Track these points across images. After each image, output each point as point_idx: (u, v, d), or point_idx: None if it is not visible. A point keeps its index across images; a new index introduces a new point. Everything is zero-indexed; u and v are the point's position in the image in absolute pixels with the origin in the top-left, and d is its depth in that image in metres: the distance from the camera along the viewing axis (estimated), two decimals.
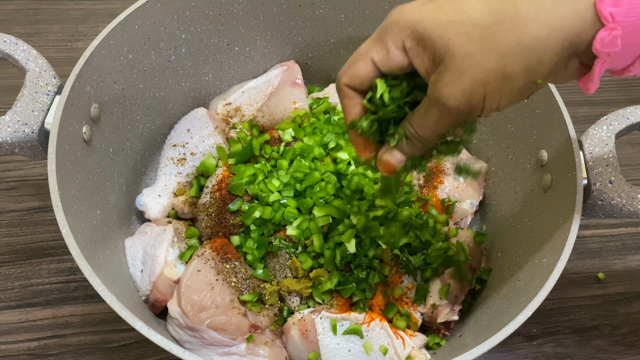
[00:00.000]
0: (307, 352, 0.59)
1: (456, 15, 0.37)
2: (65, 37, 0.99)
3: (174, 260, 0.63)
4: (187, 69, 0.75)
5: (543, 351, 0.72)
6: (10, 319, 0.69)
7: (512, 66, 0.36)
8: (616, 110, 0.61)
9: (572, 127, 0.59)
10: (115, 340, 0.69)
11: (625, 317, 0.75)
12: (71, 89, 0.56)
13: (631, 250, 0.81)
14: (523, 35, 0.35)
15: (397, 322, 0.62)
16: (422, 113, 0.41)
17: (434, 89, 0.39)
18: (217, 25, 0.73)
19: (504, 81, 0.37)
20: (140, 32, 0.65)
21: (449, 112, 0.39)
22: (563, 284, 0.76)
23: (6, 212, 0.78)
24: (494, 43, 0.36)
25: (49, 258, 0.74)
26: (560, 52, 0.36)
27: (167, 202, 0.70)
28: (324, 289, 0.61)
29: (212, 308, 0.59)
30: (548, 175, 0.62)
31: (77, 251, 0.48)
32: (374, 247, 0.62)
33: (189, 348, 0.60)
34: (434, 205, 0.70)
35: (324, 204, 0.64)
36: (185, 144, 0.73)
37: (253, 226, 0.64)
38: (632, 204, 0.57)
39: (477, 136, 0.77)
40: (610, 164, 0.58)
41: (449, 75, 0.37)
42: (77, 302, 0.71)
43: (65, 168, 0.54)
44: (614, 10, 0.34)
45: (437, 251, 0.64)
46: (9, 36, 0.61)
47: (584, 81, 0.40)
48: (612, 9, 0.34)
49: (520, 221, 0.66)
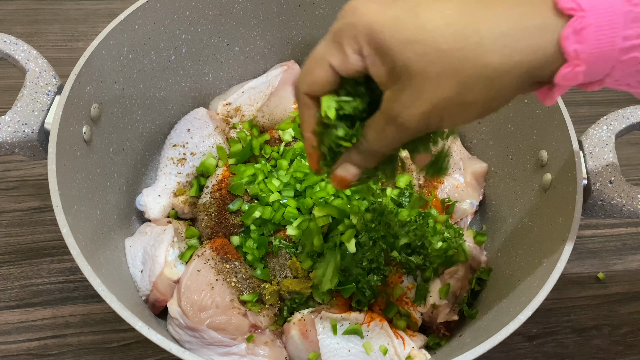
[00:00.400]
0: (307, 352, 0.59)
1: (417, 34, 0.35)
2: (65, 37, 0.99)
3: (174, 260, 0.63)
4: (187, 69, 0.75)
5: (543, 351, 0.72)
6: (10, 319, 0.69)
7: (471, 96, 0.36)
8: (616, 110, 0.61)
9: (572, 127, 0.59)
10: (115, 340, 0.69)
11: (625, 317, 0.75)
12: (71, 89, 0.56)
13: (631, 250, 0.81)
14: (485, 67, 0.34)
15: (397, 322, 0.62)
16: (378, 130, 0.40)
17: (391, 106, 0.38)
18: (217, 25, 0.73)
19: (462, 107, 0.36)
20: (140, 32, 0.65)
21: (406, 131, 0.38)
22: (563, 284, 0.76)
23: (6, 212, 0.78)
24: (454, 70, 0.35)
25: (49, 258, 0.74)
26: (520, 85, 0.35)
27: (167, 202, 0.70)
28: (324, 289, 0.61)
29: (212, 308, 0.59)
30: (548, 175, 0.62)
31: (77, 251, 0.48)
32: (374, 247, 0.62)
33: (189, 348, 0.60)
34: (434, 205, 0.70)
35: (324, 204, 0.64)
36: (185, 144, 0.73)
37: (253, 226, 0.65)
38: (632, 204, 0.57)
39: (477, 136, 0.77)
40: (610, 164, 0.58)
41: (407, 96, 0.36)
42: (77, 302, 0.71)
43: (65, 168, 0.54)
44: (578, 47, 0.33)
45: (437, 251, 0.64)
46: (9, 36, 0.61)
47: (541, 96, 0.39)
48: (576, 46, 0.33)
49: (520, 221, 0.66)
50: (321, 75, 0.40)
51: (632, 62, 0.34)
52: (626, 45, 0.33)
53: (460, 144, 0.77)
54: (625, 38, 0.33)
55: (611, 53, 0.34)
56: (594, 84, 0.37)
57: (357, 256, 0.61)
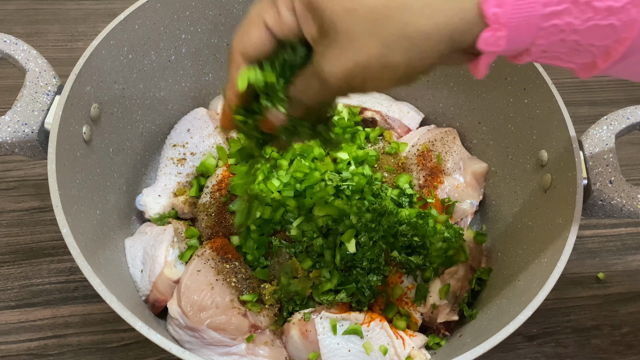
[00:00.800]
0: (307, 352, 0.59)
1: None
2: (65, 37, 0.99)
3: (174, 260, 0.63)
4: (187, 69, 0.75)
5: (543, 351, 0.72)
6: (10, 319, 0.69)
7: (393, 56, 0.36)
8: (616, 110, 0.61)
9: (572, 127, 0.59)
10: (115, 340, 0.69)
11: (625, 317, 0.75)
12: (71, 89, 0.56)
13: (631, 250, 0.81)
14: (407, 27, 0.34)
15: (397, 322, 0.62)
16: (305, 81, 0.40)
17: (317, 60, 0.38)
18: (217, 25, 0.73)
19: (384, 69, 0.36)
20: (140, 32, 0.65)
21: (329, 87, 0.39)
22: (563, 284, 0.76)
23: (6, 212, 0.78)
24: (378, 29, 0.35)
25: (49, 258, 0.74)
26: (442, 48, 0.35)
27: (167, 202, 0.70)
28: (324, 289, 0.61)
29: (212, 308, 0.59)
30: (548, 175, 0.62)
31: (77, 251, 0.48)
32: (374, 247, 0.62)
33: (189, 348, 0.60)
34: (434, 205, 0.70)
35: (324, 204, 0.64)
36: (185, 144, 0.73)
37: (253, 226, 0.64)
38: (632, 204, 0.57)
39: (477, 136, 0.77)
40: (610, 164, 0.58)
41: (332, 51, 0.37)
42: (77, 302, 0.71)
43: (65, 168, 0.54)
44: (497, 10, 0.33)
45: (437, 251, 0.64)
46: (9, 36, 0.61)
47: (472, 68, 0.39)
48: (495, 9, 0.33)
49: (520, 221, 0.66)
50: (257, 35, 0.40)
51: (554, 30, 0.34)
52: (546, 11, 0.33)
53: (460, 144, 0.77)
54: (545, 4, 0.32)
55: (531, 19, 0.33)
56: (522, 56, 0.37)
57: (357, 256, 0.61)
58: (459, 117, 0.79)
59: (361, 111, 0.79)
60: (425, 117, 0.82)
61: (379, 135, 0.78)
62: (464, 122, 0.78)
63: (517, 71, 0.66)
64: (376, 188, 0.68)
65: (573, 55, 0.36)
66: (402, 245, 0.64)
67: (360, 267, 0.62)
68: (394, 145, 0.75)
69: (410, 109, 0.81)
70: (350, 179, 0.67)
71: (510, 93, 0.68)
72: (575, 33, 0.34)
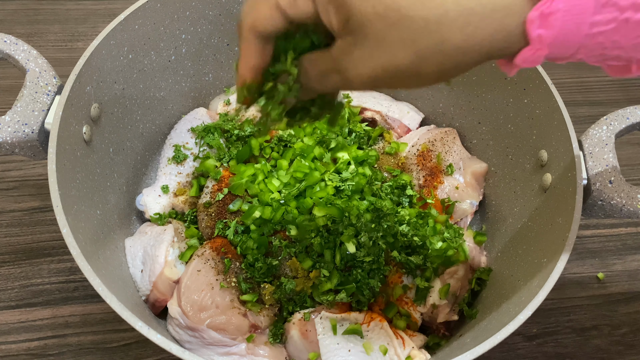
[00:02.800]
0: (307, 352, 0.59)
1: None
2: (65, 37, 0.99)
3: (174, 260, 0.63)
4: (187, 69, 0.75)
5: (543, 351, 0.72)
6: (10, 319, 0.69)
7: (425, 68, 0.34)
8: (616, 110, 0.61)
9: (572, 127, 0.59)
10: (115, 340, 0.69)
11: (625, 317, 0.75)
12: (71, 89, 0.56)
13: (631, 250, 0.81)
14: (444, 43, 0.33)
15: (397, 322, 0.62)
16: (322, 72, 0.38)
17: (341, 57, 0.36)
18: (217, 25, 0.73)
19: (413, 77, 0.35)
20: (140, 32, 0.65)
21: (351, 85, 0.37)
22: (563, 284, 0.76)
23: (6, 212, 0.78)
24: (412, 41, 0.33)
25: (49, 258, 0.74)
26: (477, 61, 0.35)
27: (167, 202, 0.70)
28: (324, 289, 0.61)
29: (212, 308, 0.59)
30: (548, 175, 0.62)
31: (77, 251, 0.48)
32: (374, 247, 0.62)
33: (189, 348, 0.60)
34: (433, 206, 0.70)
35: (324, 204, 0.64)
36: (185, 144, 0.73)
37: (253, 226, 0.64)
38: (632, 204, 0.57)
39: (477, 136, 0.77)
40: (610, 164, 0.58)
41: (359, 53, 0.35)
42: (77, 302, 0.71)
43: (65, 168, 0.54)
44: (543, 32, 0.32)
45: (437, 251, 0.64)
46: (9, 36, 0.61)
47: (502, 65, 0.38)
48: (541, 32, 0.32)
49: (520, 221, 0.66)
50: (265, 13, 0.37)
51: (597, 46, 0.33)
52: (593, 31, 0.32)
53: (460, 144, 0.77)
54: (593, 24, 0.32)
55: (576, 38, 0.32)
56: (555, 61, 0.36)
57: (357, 256, 0.61)
58: (458, 117, 0.79)
59: (361, 111, 0.79)
60: (425, 117, 0.82)
61: (379, 135, 0.78)
62: (464, 122, 0.78)
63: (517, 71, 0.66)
64: (376, 188, 0.68)
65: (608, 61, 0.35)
66: (402, 245, 0.64)
67: (360, 267, 0.62)
68: (394, 145, 0.75)
69: (410, 109, 0.81)
70: (350, 179, 0.67)
71: (510, 93, 0.68)
72: (619, 49, 0.33)
